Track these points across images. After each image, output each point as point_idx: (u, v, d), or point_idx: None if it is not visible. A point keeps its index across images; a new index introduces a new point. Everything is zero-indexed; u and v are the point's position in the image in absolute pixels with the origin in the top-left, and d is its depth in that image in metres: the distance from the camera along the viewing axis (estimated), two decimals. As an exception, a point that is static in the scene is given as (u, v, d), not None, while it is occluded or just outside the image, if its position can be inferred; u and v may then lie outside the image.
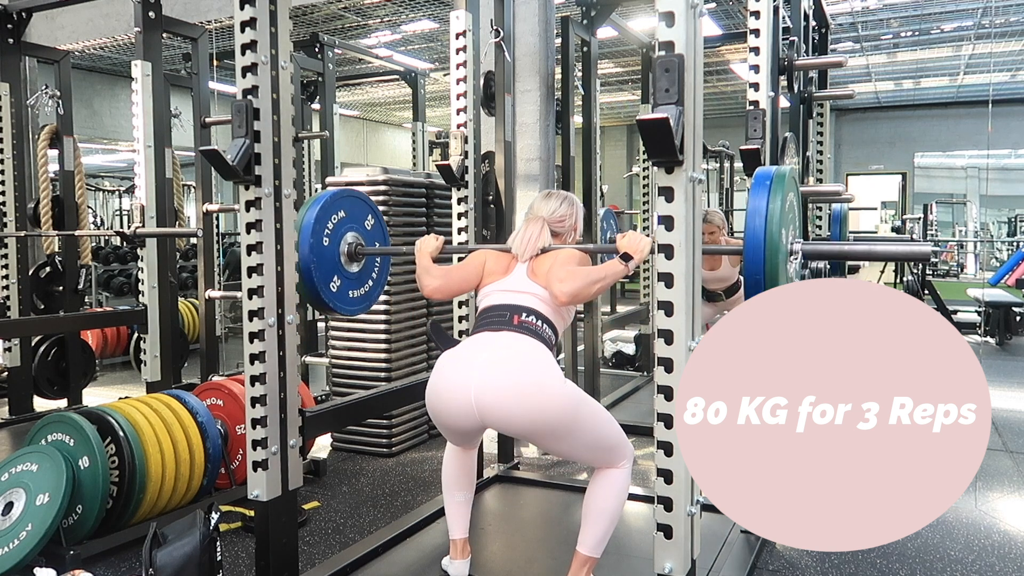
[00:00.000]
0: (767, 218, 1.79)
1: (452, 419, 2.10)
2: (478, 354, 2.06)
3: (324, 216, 2.49)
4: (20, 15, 4.58)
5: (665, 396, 1.73)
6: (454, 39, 3.12)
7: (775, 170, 1.88)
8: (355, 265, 2.64)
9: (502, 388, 1.98)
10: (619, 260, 2.05)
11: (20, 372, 4.67)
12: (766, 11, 2.58)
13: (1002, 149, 14.26)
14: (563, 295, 2.08)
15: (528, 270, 2.21)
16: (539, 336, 2.08)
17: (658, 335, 1.73)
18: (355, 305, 2.67)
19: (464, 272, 2.31)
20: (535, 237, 2.23)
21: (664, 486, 1.74)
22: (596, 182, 4.75)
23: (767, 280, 1.79)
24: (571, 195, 2.40)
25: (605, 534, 2.12)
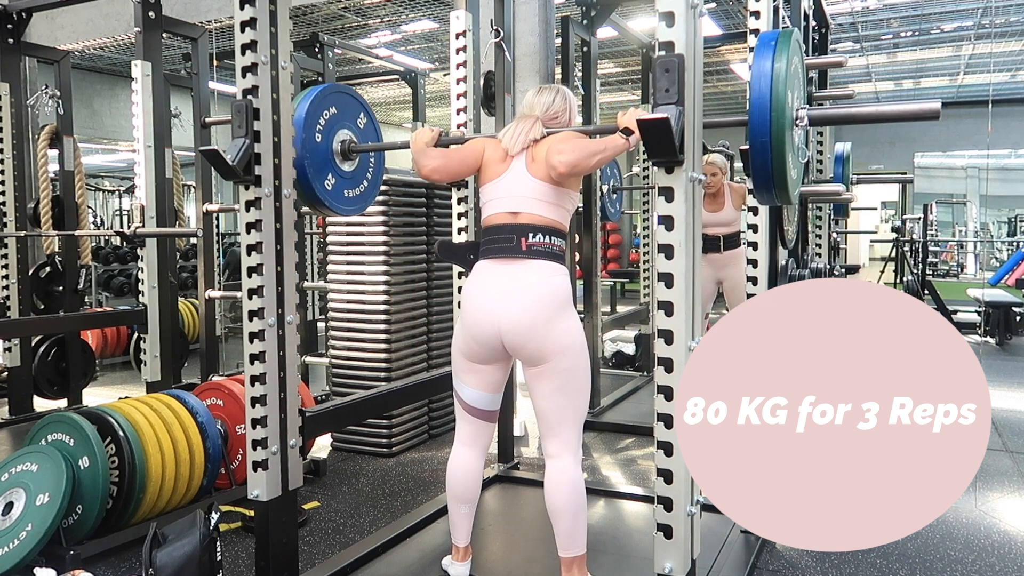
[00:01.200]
0: (773, 77, 1.73)
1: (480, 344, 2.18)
2: (496, 285, 2.13)
3: (315, 111, 2.43)
4: (20, 15, 4.58)
5: (665, 396, 1.73)
6: (454, 39, 3.12)
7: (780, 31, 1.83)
8: (349, 164, 2.59)
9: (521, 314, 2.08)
10: (620, 134, 2.01)
11: (20, 372, 4.68)
12: (766, 11, 2.58)
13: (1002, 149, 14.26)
14: (561, 164, 2.04)
15: (527, 159, 2.18)
16: (549, 255, 2.13)
17: (658, 335, 1.73)
18: (351, 205, 2.63)
19: (463, 155, 2.28)
20: (527, 130, 2.20)
21: (664, 486, 1.74)
22: (596, 182, 4.75)
23: (773, 143, 1.74)
24: (564, 88, 2.34)
25: (577, 529, 2.13)
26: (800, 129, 1.89)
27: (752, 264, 2.75)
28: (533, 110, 2.28)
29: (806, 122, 1.87)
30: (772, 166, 1.77)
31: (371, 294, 3.95)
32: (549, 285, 2.11)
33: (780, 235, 2.94)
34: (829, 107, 2.22)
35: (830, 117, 2.30)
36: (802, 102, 1.95)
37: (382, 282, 3.92)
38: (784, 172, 1.78)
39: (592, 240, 4.65)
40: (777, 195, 1.85)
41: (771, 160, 1.76)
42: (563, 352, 2.09)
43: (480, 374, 2.26)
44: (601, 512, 3.03)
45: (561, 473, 2.13)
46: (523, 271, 2.11)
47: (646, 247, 5.86)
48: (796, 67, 1.87)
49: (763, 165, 1.78)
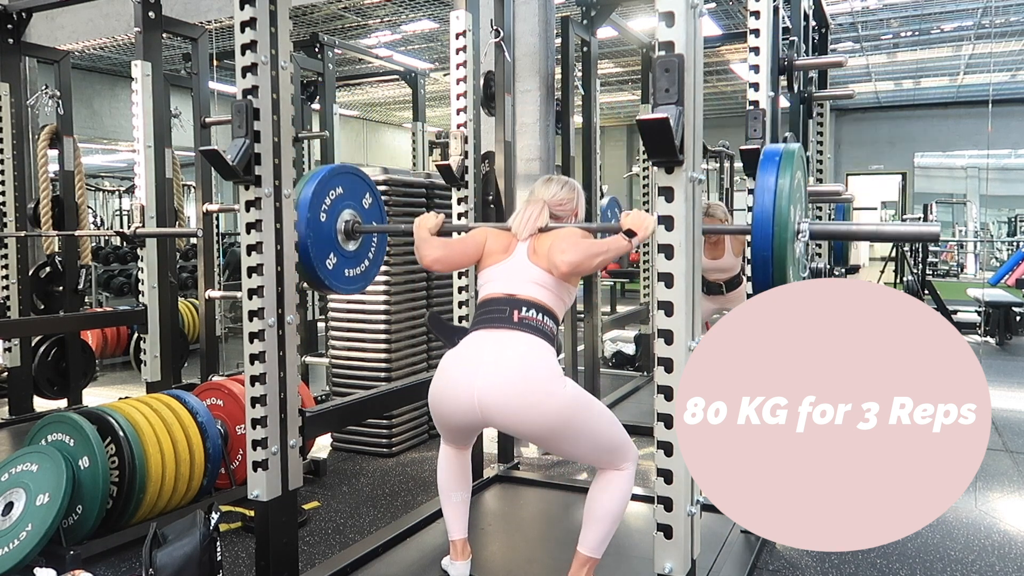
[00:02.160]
0: (776, 194, 1.77)
1: (455, 418, 2.10)
2: (481, 354, 2.05)
3: (321, 191, 2.45)
4: (20, 15, 4.58)
5: (665, 396, 1.73)
6: (454, 39, 3.12)
7: (784, 147, 1.87)
8: (352, 243, 2.60)
9: (505, 391, 1.98)
10: (622, 236, 2.02)
11: (20, 372, 4.67)
12: (766, 11, 2.58)
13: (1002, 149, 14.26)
14: (564, 264, 2.05)
15: (529, 250, 2.18)
16: (540, 332, 2.07)
17: (658, 335, 1.73)
18: (351, 284, 2.64)
19: (464, 246, 2.29)
20: (535, 216, 2.21)
21: (664, 486, 1.74)
22: (596, 182, 4.75)
23: (775, 258, 1.78)
24: (572, 180, 2.38)
25: (607, 535, 2.12)
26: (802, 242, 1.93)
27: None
28: (540, 196, 2.30)
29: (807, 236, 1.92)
30: (773, 278, 1.82)
31: (371, 294, 3.94)
32: (538, 358, 2.01)
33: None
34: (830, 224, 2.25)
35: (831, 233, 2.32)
36: (804, 215, 2.00)
37: (382, 282, 3.92)
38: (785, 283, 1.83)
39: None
40: None
41: (772, 274, 1.82)
42: (567, 424, 2.00)
43: (455, 433, 2.25)
44: (601, 512, 3.03)
45: (609, 477, 2.13)
46: (510, 341, 2.04)
47: (646, 247, 5.86)
48: (799, 182, 1.92)
49: (765, 278, 1.83)
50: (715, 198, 8.94)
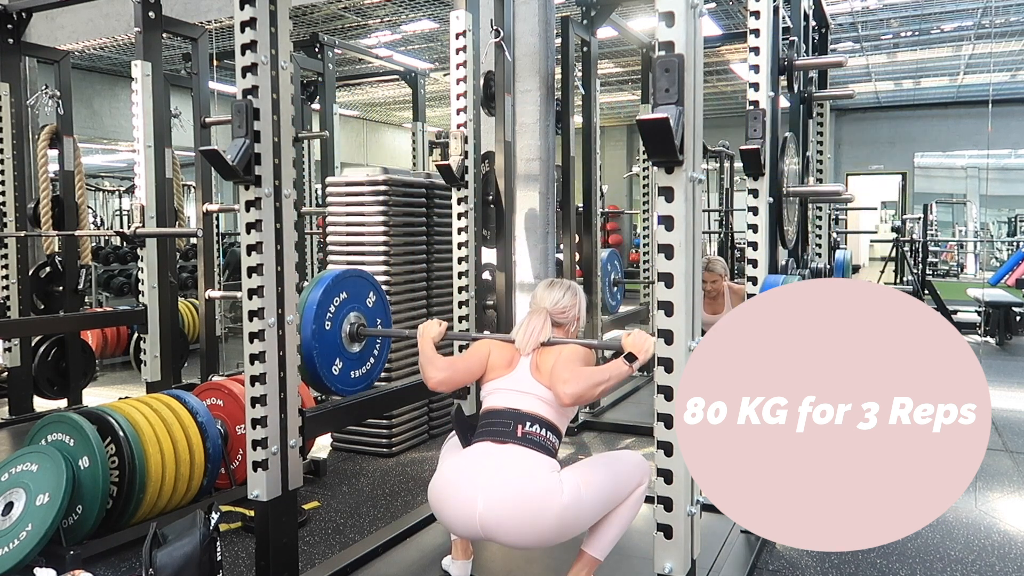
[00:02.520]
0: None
1: (456, 527, 2.12)
2: (483, 470, 2.04)
3: (326, 300, 2.48)
4: (20, 15, 4.58)
5: (665, 396, 1.73)
6: (454, 39, 3.12)
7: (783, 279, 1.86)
8: (356, 345, 2.62)
9: (505, 512, 1.98)
10: (623, 360, 2.06)
11: (20, 372, 4.67)
12: (766, 11, 2.58)
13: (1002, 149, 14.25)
14: (567, 397, 2.08)
15: (531, 365, 2.21)
16: (542, 447, 2.08)
17: (658, 335, 1.73)
18: (356, 385, 2.66)
19: (468, 364, 2.31)
20: (537, 331, 2.24)
21: (664, 486, 1.74)
22: (596, 182, 4.75)
23: None
24: (574, 284, 2.43)
25: (614, 540, 2.13)
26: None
27: (752, 264, 2.75)
28: (543, 303, 2.33)
29: None
30: None
31: (371, 294, 3.94)
32: (538, 478, 2.01)
33: (780, 235, 2.94)
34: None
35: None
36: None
37: (382, 282, 3.91)
38: None
39: (592, 240, 4.65)
40: None
41: None
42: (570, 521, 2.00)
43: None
44: (601, 512, 3.03)
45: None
46: (512, 458, 2.04)
47: (646, 247, 5.86)
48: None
49: None
50: (715, 198, 8.95)
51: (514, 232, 3.70)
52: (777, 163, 2.82)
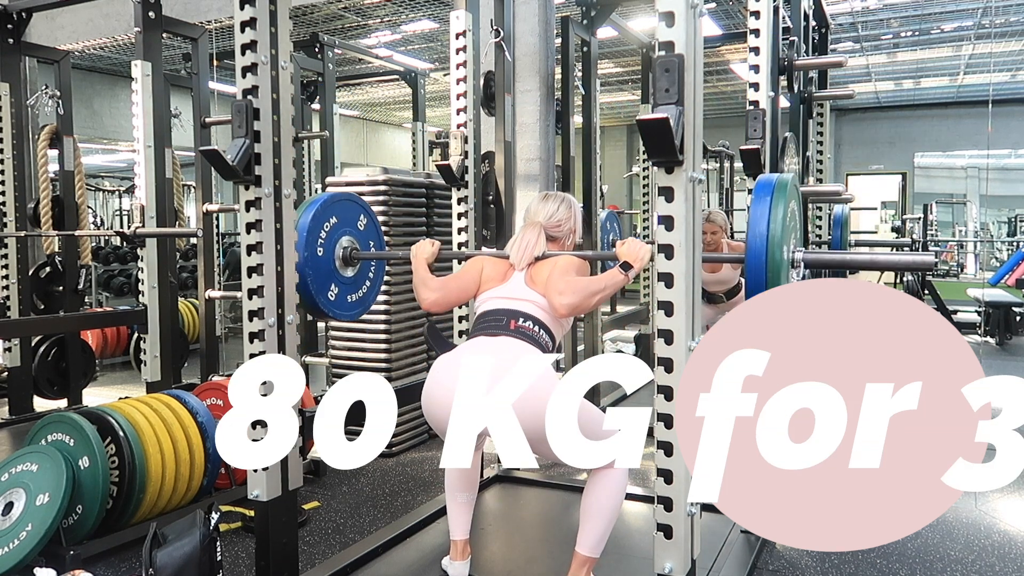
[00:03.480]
0: (768, 236, 1.79)
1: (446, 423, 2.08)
2: (471, 357, 2.03)
3: (316, 226, 2.46)
4: (20, 15, 4.58)
5: (665, 396, 1.73)
6: (454, 39, 3.12)
7: (776, 180, 1.87)
8: (350, 270, 2.62)
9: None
10: (619, 269, 2.04)
11: (20, 372, 4.67)
12: (766, 11, 2.58)
13: (1002, 149, 14.25)
14: (562, 307, 2.06)
15: (526, 277, 2.19)
16: (535, 342, 2.07)
17: (658, 335, 1.73)
18: (353, 309, 2.65)
19: (461, 282, 2.30)
20: (532, 244, 2.22)
21: (664, 486, 1.74)
22: (596, 182, 4.75)
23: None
24: (569, 197, 2.38)
25: (604, 534, 2.11)
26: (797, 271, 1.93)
27: (752, 264, 2.75)
28: (537, 217, 2.30)
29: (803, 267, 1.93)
30: None
31: (371, 294, 3.94)
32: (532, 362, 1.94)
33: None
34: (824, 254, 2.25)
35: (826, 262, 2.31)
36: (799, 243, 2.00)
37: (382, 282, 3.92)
38: None
39: (592, 240, 4.65)
40: None
41: None
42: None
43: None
44: (601, 512, 3.03)
45: (603, 475, 2.11)
46: (505, 345, 2.04)
47: (646, 247, 5.85)
48: (793, 212, 1.92)
49: None
50: (715, 199, 8.95)
51: (514, 232, 3.70)
52: (777, 163, 2.83)
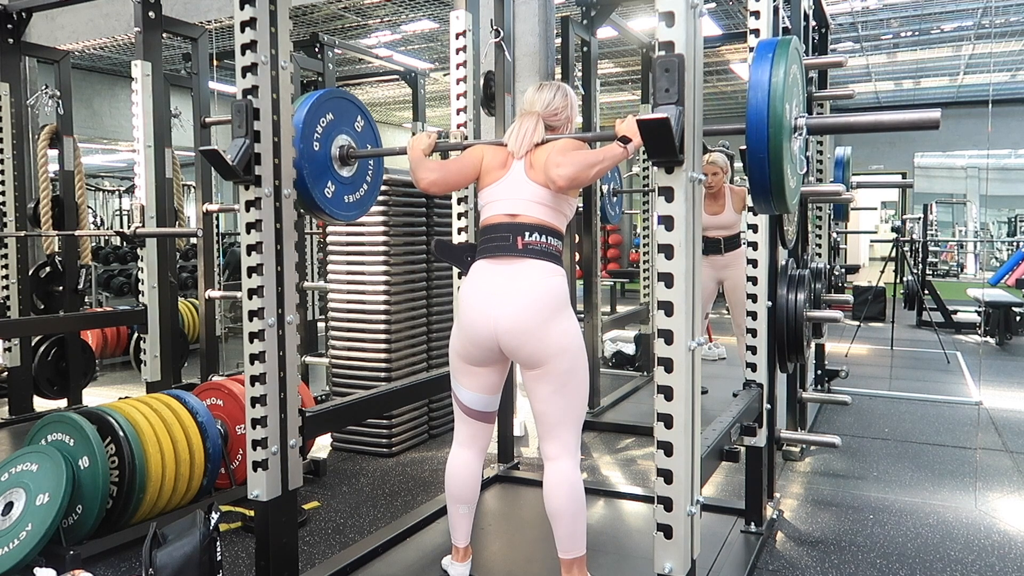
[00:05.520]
0: (770, 91, 1.74)
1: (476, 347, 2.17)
2: (492, 285, 2.12)
3: (312, 120, 2.43)
4: (20, 15, 4.58)
5: (665, 396, 1.73)
6: (454, 39, 3.12)
7: (777, 40, 1.83)
8: (347, 169, 2.59)
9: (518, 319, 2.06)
10: (618, 143, 1.99)
11: (20, 372, 4.68)
12: (766, 11, 2.58)
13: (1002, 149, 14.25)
14: (560, 179, 2.05)
15: (526, 164, 2.18)
16: (545, 255, 2.11)
17: (658, 335, 1.73)
18: (351, 210, 2.63)
19: (461, 164, 2.27)
20: (530, 132, 2.20)
21: (664, 486, 1.74)
22: (596, 183, 4.75)
23: (771, 158, 1.75)
24: (564, 85, 2.35)
25: (577, 531, 2.12)
26: (799, 138, 1.89)
27: (752, 264, 2.76)
28: (533, 106, 2.27)
29: (805, 131, 1.87)
30: (770, 178, 1.78)
31: (371, 294, 3.95)
32: (546, 285, 2.09)
33: (780, 235, 2.94)
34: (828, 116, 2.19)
35: (828, 126, 2.27)
36: (801, 109, 1.94)
37: (382, 282, 3.92)
38: (782, 183, 1.79)
39: (592, 240, 4.65)
40: (775, 205, 1.87)
41: (769, 172, 1.77)
42: (561, 354, 2.08)
43: (477, 376, 2.26)
44: (601, 512, 3.03)
45: (559, 474, 2.12)
46: (520, 271, 2.10)
47: (646, 247, 5.86)
48: (795, 75, 1.86)
49: (761, 176, 1.79)
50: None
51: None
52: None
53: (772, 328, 2.85)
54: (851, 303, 8.51)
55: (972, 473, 3.69)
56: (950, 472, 3.71)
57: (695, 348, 1.74)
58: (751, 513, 2.84)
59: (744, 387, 2.77)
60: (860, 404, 5.00)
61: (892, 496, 3.38)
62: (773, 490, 3.24)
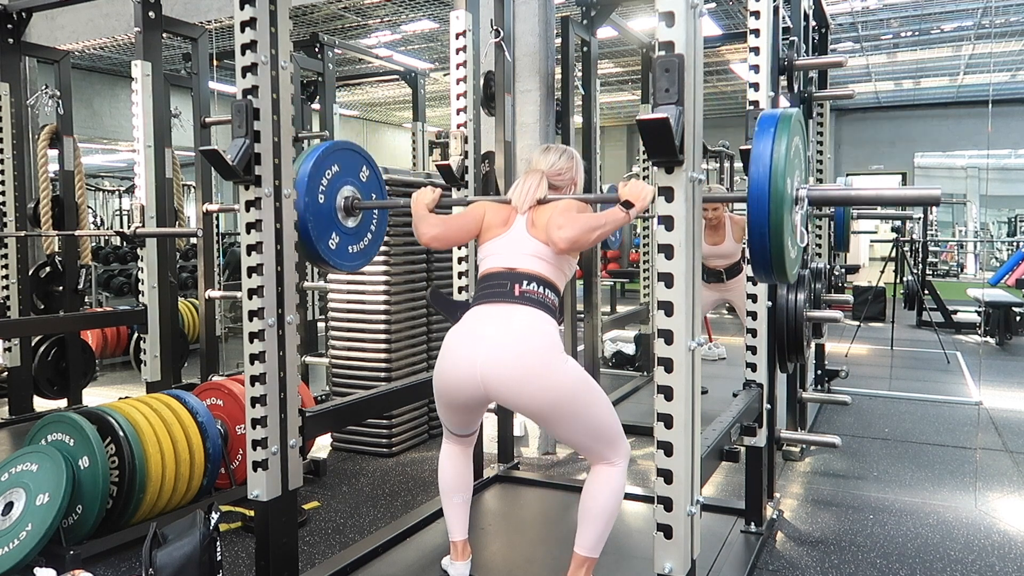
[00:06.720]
0: (771, 168, 1.75)
1: (459, 394, 2.11)
2: (483, 328, 2.06)
3: (317, 172, 2.43)
4: (20, 15, 4.58)
5: (665, 396, 1.73)
6: (454, 39, 3.12)
7: (780, 112, 1.84)
8: (352, 220, 2.59)
9: (507, 363, 1.99)
10: (620, 207, 2.00)
11: (20, 372, 4.67)
12: (766, 11, 2.58)
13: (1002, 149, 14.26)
14: (562, 241, 2.05)
15: (527, 222, 2.18)
16: (542, 305, 2.08)
17: (658, 335, 1.73)
18: (354, 260, 2.63)
19: (463, 221, 2.28)
20: (534, 188, 2.21)
21: (664, 486, 1.74)
22: (596, 182, 4.75)
23: (771, 231, 1.77)
24: (570, 148, 2.37)
25: (603, 534, 2.11)
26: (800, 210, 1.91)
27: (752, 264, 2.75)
28: (538, 165, 2.30)
29: (806, 203, 1.89)
30: (771, 252, 1.81)
31: (371, 294, 3.95)
32: (541, 330, 2.03)
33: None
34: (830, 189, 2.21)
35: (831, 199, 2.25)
36: (803, 180, 1.97)
37: (382, 282, 3.92)
38: (783, 256, 1.82)
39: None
40: (776, 276, 1.89)
41: (769, 246, 1.80)
42: (569, 400, 2.02)
43: (458, 413, 2.25)
44: (601, 512, 3.03)
45: (603, 474, 2.11)
46: (514, 315, 2.05)
47: (646, 247, 5.86)
48: (797, 147, 1.89)
49: (762, 249, 1.82)
50: (715, 198, 8.94)
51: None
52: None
53: (772, 328, 2.85)
54: (851, 303, 8.51)
55: (972, 473, 3.69)
56: (950, 472, 3.71)
57: (695, 348, 1.74)
58: (751, 513, 2.84)
59: (744, 387, 2.77)
60: (860, 404, 5.00)
61: (892, 496, 3.38)
62: (773, 490, 3.24)
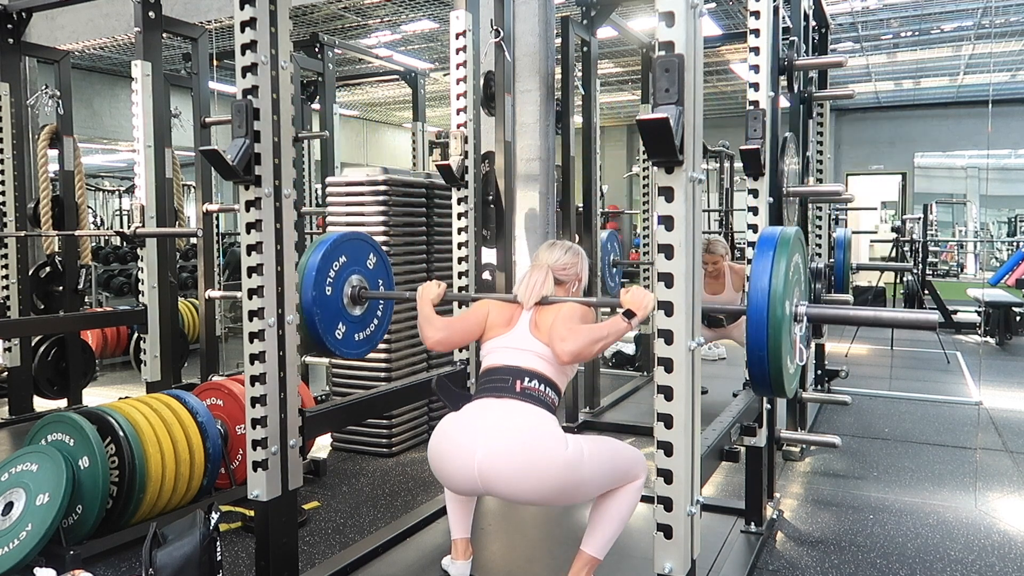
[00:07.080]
0: (770, 292, 1.81)
1: (454, 482, 2.07)
2: (483, 421, 2.03)
3: (325, 265, 2.46)
4: (20, 15, 4.58)
5: (665, 396, 1.73)
6: (454, 39, 3.12)
7: (779, 234, 1.88)
8: (358, 308, 2.62)
9: (505, 459, 1.95)
10: (621, 317, 2.05)
11: (20, 372, 4.67)
12: (766, 11, 2.58)
13: (1002, 149, 14.26)
14: (565, 355, 2.07)
15: (531, 323, 2.20)
16: (541, 402, 2.07)
17: (658, 335, 1.73)
18: (360, 348, 2.65)
19: (466, 324, 2.31)
20: (539, 284, 2.25)
21: (664, 486, 1.74)
22: (596, 182, 4.75)
23: (770, 353, 1.82)
24: (576, 245, 2.42)
25: (613, 537, 2.12)
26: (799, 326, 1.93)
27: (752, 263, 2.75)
28: (544, 261, 2.33)
29: (805, 321, 1.92)
30: (770, 371, 1.85)
31: (371, 294, 3.94)
32: (541, 428, 1.99)
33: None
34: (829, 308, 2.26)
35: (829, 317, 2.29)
36: (803, 297, 1.99)
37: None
38: (781, 374, 1.86)
39: (592, 240, 4.65)
40: (774, 392, 1.93)
41: (768, 365, 1.85)
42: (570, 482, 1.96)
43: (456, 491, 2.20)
44: (601, 512, 3.03)
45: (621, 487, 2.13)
46: (513, 409, 2.04)
47: (646, 247, 5.86)
48: (796, 265, 1.92)
49: (760, 367, 1.85)
50: (715, 198, 8.95)
51: (514, 232, 3.71)
52: (777, 163, 2.82)
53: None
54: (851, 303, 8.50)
55: (972, 473, 3.69)
56: (950, 472, 3.71)
57: (695, 348, 1.74)
58: (751, 513, 2.84)
59: (744, 387, 2.77)
60: (860, 404, 5.00)
61: (892, 496, 3.38)
62: (773, 490, 3.24)
